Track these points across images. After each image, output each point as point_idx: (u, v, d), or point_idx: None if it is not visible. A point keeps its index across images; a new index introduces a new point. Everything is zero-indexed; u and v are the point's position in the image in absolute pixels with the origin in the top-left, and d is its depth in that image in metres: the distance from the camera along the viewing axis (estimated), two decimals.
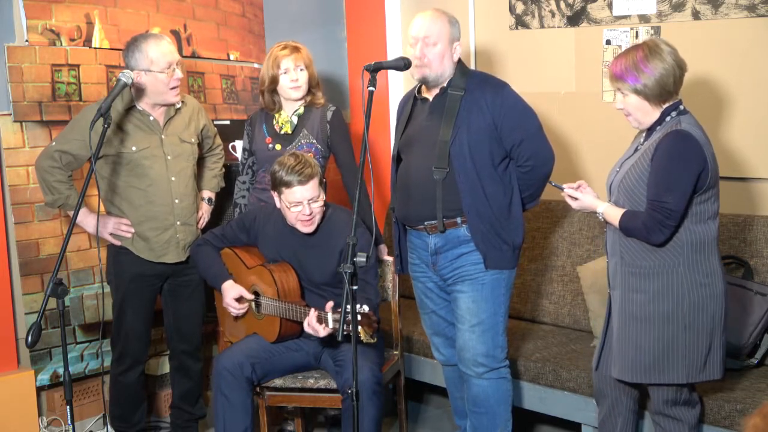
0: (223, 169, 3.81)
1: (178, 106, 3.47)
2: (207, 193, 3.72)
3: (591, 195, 2.89)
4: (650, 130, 2.76)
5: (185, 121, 3.51)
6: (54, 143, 3.35)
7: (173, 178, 3.43)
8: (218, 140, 3.76)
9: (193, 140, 3.53)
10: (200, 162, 3.67)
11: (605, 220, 2.83)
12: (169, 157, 3.42)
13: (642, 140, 2.81)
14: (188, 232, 3.50)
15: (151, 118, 3.40)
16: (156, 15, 3.91)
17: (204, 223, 3.66)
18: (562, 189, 2.94)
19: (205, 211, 3.68)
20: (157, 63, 3.30)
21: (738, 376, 3.16)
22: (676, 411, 2.83)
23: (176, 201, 3.45)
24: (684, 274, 2.70)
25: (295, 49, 3.57)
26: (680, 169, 2.62)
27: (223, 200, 3.88)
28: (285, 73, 3.55)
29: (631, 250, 2.76)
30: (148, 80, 3.32)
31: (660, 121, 2.72)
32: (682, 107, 2.73)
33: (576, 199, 2.90)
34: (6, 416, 3.49)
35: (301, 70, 3.56)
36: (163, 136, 3.42)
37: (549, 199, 3.71)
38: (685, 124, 2.67)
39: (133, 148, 3.36)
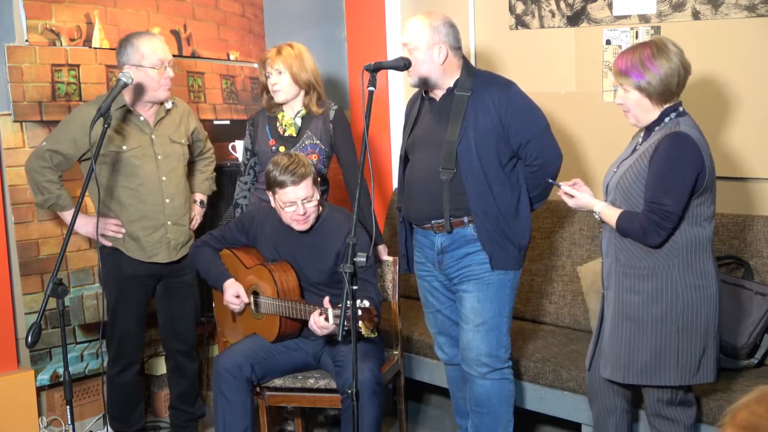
0: (215, 173, 3.79)
1: (168, 106, 3.46)
2: (199, 196, 3.70)
3: (587, 193, 2.89)
4: (649, 130, 2.76)
5: (175, 122, 3.50)
6: (44, 143, 3.34)
7: (164, 178, 3.43)
8: (209, 144, 3.75)
9: (183, 141, 3.52)
10: (192, 166, 3.66)
11: (601, 220, 2.83)
12: (159, 157, 3.42)
13: (640, 140, 2.81)
14: (179, 232, 3.50)
15: (142, 117, 3.39)
16: (156, 15, 3.91)
17: (196, 225, 3.65)
18: (559, 186, 2.94)
19: (198, 214, 3.67)
20: (149, 58, 3.29)
21: (738, 376, 3.16)
22: (671, 412, 2.83)
23: (167, 200, 3.44)
24: (678, 275, 2.69)
25: (276, 52, 3.50)
26: (679, 171, 2.61)
27: (220, 202, 3.88)
28: (268, 77, 3.52)
29: (626, 250, 2.75)
30: (138, 76, 3.30)
31: (659, 121, 2.72)
32: (681, 109, 2.73)
33: (572, 197, 2.90)
34: (6, 416, 3.49)
35: (279, 73, 3.48)
36: (153, 136, 3.41)
37: (550, 199, 3.70)
38: (684, 126, 2.66)
39: (124, 147, 3.35)
